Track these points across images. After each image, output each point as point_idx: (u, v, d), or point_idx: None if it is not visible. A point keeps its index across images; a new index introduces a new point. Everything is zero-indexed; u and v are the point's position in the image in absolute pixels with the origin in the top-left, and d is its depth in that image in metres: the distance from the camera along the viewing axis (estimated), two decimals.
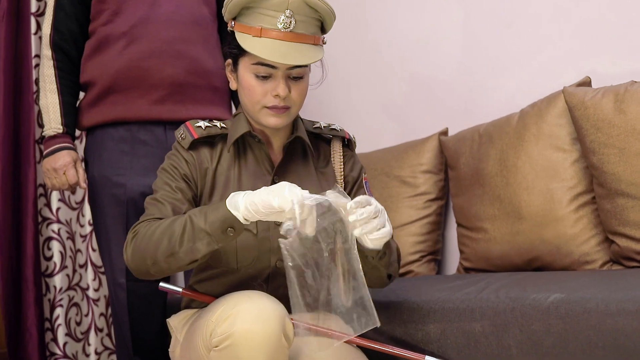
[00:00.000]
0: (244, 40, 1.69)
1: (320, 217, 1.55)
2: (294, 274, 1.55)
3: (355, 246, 1.58)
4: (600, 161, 2.09)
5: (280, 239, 1.54)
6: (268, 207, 1.53)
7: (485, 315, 1.81)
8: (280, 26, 1.66)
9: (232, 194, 1.59)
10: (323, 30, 1.76)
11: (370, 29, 2.97)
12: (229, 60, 1.79)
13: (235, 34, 1.72)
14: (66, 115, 2.31)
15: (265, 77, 1.70)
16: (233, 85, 1.80)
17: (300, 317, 1.72)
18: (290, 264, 1.54)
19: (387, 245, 1.70)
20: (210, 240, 1.59)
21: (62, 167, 2.28)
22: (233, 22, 1.73)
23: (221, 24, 2.46)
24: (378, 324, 1.57)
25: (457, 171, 2.53)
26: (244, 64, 1.72)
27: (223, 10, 1.75)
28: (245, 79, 1.72)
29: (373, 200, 1.58)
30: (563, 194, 2.20)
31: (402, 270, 2.56)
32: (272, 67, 1.68)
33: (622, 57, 2.30)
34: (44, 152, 2.32)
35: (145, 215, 1.72)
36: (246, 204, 1.55)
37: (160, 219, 1.68)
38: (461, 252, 2.51)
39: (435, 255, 2.65)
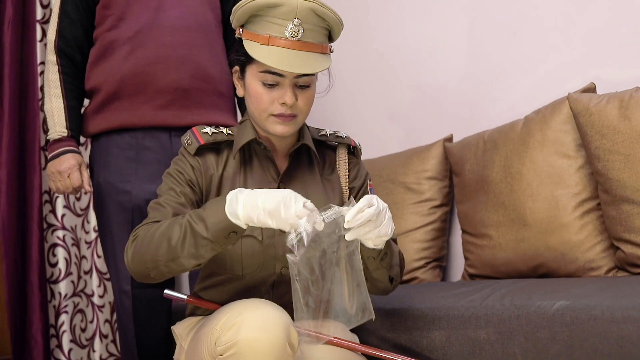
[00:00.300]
0: (252, 48, 1.69)
1: (327, 226, 1.56)
2: (299, 285, 1.56)
3: (359, 249, 1.60)
4: (605, 167, 2.09)
5: (287, 254, 1.54)
6: (266, 225, 1.55)
7: (490, 323, 1.80)
8: (288, 35, 1.66)
9: (228, 199, 1.57)
10: (331, 39, 1.76)
11: (376, 36, 2.98)
12: (236, 67, 1.78)
13: (243, 42, 1.72)
14: (71, 119, 2.31)
15: (272, 85, 1.70)
16: (240, 92, 1.80)
17: (304, 324, 1.73)
18: (296, 277, 1.55)
19: (389, 246, 1.70)
20: (214, 246, 1.59)
21: (67, 170, 2.28)
22: (241, 30, 1.73)
23: (226, 30, 2.46)
24: (373, 317, 1.60)
25: (462, 178, 2.53)
26: (251, 72, 1.72)
27: (231, 17, 1.75)
28: (252, 87, 1.72)
29: (375, 201, 1.58)
30: (568, 200, 2.20)
31: (406, 277, 2.56)
32: (280, 75, 1.68)
33: (627, 63, 2.30)
34: (49, 156, 2.33)
35: (146, 219, 1.72)
36: (245, 219, 1.56)
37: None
38: (466, 258, 2.51)
39: (440, 261, 2.65)
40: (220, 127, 1.82)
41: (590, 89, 2.27)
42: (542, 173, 2.24)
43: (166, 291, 1.82)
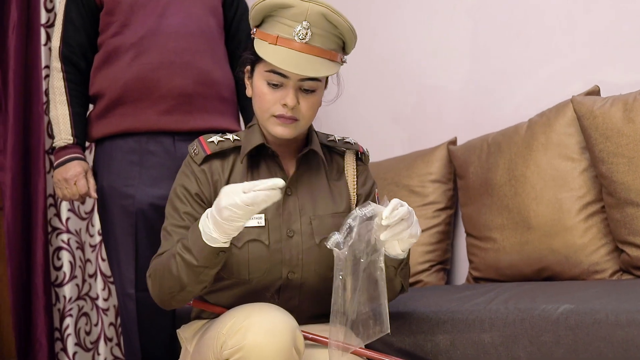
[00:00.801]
0: (261, 46, 1.70)
1: (362, 228, 1.57)
2: (341, 283, 1.57)
3: (383, 256, 1.60)
4: (610, 170, 2.09)
5: (334, 249, 1.56)
6: (242, 227, 1.58)
7: (495, 326, 1.80)
8: (296, 36, 1.66)
9: (201, 227, 1.60)
10: (345, 50, 1.76)
11: (379, 39, 2.97)
12: (248, 67, 1.79)
13: (254, 41, 1.73)
14: (76, 126, 2.32)
15: (276, 86, 1.70)
16: (249, 92, 1.80)
17: (309, 328, 1.73)
18: (341, 274, 1.56)
19: (408, 255, 1.71)
20: (209, 270, 1.64)
21: (73, 177, 2.29)
22: (255, 30, 1.74)
23: (227, 36, 2.47)
24: (388, 331, 1.59)
25: (466, 180, 2.53)
26: (258, 71, 1.73)
27: (249, 18, 1.76)
28: (257, 86, 1.73)
29: (404, 203, 1.60)
30: (572, 203, 2.19)
31: (411, 280, 2.56)
32: (284, 76, 1.68)
33: (631, 66, 2.29)
34: (55, 163, 2.34)
35: (159, 250, 1.76)
36: (224, 238, 1.59)
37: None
38: (470, 261, 2.51)
39: (444, 264, 2.65)
40: (227, 134, 1.82)
41: (594, 92, 2.27)
42: (546, 176, 2.24)
43: None
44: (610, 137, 2.08)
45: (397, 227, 1.57)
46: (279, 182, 1.53)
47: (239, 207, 1.53)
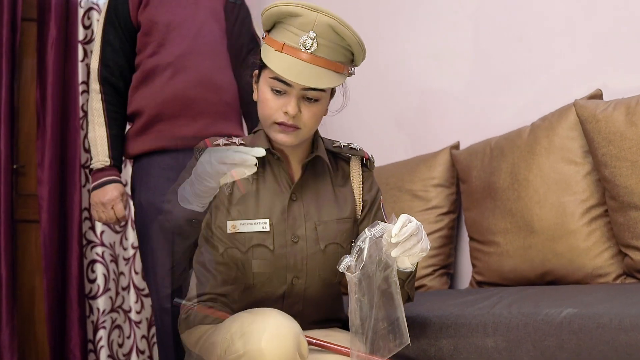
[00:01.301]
0: (267, 53, 1.71)
1: (372, 246, 1.59)
2: (357, 305, 1.58)
3: (395, 271, 1.61)
4: (612, 174, 2.06)
5: (347, 273, 1.57)
6: (214, 188, 1.63)
7: (498, 331, 1.79)
8: (302, 46, 1.67)
9: (179, 191, 1.68)
10: (353, 62, 1.76)
11: (382, 43, 2.97)
12: (256, 71, 1.80)
13: (262, 45, 1.75)
14: (113, 148, 2.36)
15: (279, 92, 1.70)
16: (255, 96, 1.81)
17: (312, 334, 1.73)
18: (356, 296, 1.57)
19: (416, 266, 1.71)
20: (183, 239, 1.72)
21: (110, 201, 2.33)
22: (265, 34, 1.76)
23: (229, 41, 2.50)
24: (408, 342, 1.59)
25: (469, 185, 2.52)
26: (264, 76, 1.74)
27: (261, 23, 1.79)
28: (262, 91, 1.74)
29: (412, 218, 1.60)
30: (575, 207, 2.17)
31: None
32: (288, 84, 1.69)
33: (633, 69, 2.26)
34: (92, 185, 2.37)
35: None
36: (197, 202, 1.65)
37: None
38: (474, 265, 2.50)
39: (447, 269, 2.64)
40: (232, 138, 1.84)
41: (597, 96, 2.25)
42: (549, 180, 2.23)
43: (176, 299, 1.85)
44: (613, 140, 2.06)
45: (407, 243, 1.58)
46: (260, 151, 1.59)
47: (211, 164, 1.58)
